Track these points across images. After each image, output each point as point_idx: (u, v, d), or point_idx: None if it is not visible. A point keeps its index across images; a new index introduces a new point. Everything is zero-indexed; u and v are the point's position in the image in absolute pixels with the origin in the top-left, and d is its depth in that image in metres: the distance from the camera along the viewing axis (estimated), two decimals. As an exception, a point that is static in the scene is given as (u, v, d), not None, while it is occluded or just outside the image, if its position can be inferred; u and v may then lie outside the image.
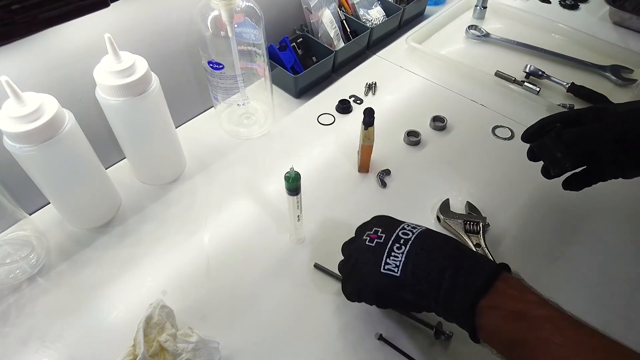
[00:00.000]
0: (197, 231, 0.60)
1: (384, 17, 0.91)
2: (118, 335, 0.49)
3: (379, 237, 0.45)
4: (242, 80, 0.66)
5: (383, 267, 0.42)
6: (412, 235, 0.43)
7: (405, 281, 0.41)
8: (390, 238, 0.44)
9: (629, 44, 0.92)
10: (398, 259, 0.42)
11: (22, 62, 0.52)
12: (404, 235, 0.44)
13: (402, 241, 0.43)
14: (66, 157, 0.51)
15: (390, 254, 0.43)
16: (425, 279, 0.41)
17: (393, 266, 0.42)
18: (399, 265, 0.42)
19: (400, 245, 0.43)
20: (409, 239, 0.43)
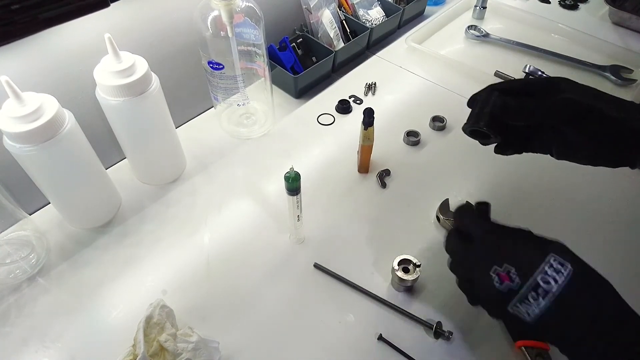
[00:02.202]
0: (197, 231, 0.60)
1: (383, 17, 0.91)
2: (118, 335, 0.49)
3: (512, 280, 0.38)
4: (242, 81, 0.66)
5: (510, 307, 0.38)
6: (554, 285, 0.36)
7: (535, 328, 0.37)
8: (524, 283, 0.37)
9: (628, 44, 0.92)
10: (531, 309, 0.37)
11: (22, 62, 0.52)
12: (544, 284, 0.36)
13: (540, 291, 0.36)
14: (66, 157, 0.51)
15: (523, 302, 0.37)
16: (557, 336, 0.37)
17: (523, 312, 0.37)
18: (531, 314, 0.37)
19: (537, 296, 0.36)
20: (551, 289, 0.36)
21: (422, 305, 0.53)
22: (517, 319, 0.38)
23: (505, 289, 0.38)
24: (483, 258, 0.41)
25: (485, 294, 0.40)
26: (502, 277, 0.38)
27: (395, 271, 0.51)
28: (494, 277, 0.39)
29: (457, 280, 0.46)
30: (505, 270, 0.38)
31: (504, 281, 0.38)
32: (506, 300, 0.38)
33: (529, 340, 0.47)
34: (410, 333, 0.50)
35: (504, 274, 0.38)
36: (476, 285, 0.42)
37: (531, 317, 0.37)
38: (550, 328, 0.37)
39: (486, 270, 0.39)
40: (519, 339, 0.48)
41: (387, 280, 0.55)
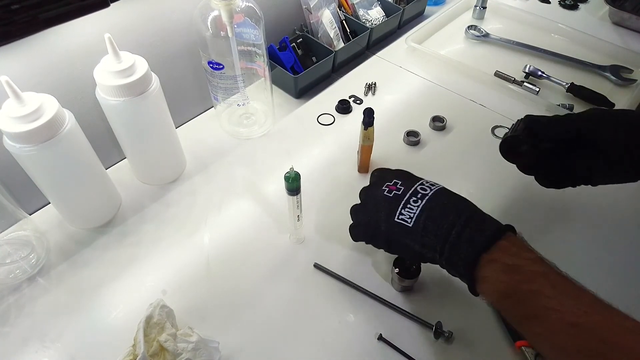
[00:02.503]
0: (197, 231, 0.60)
1: (383, 17, 0.91)
2: (118, 335, 0.49)
3: (398, 189, 0.47)
4: (242, 81, 0.66)
5: (397, 216, 0.45)
6: (430, 191, 0.46)
7: (415, 232, 0.44)
8: (408, 191, 0.46)
9: (628, 44, 0.92)
10: (413, 211, 0.45)
11: (22, 62, 0.52)
12: (421, 190, 0.46)
13: (419, 195, 0.45)
14: (66, 157, 0.51)
15: (406, 206, 0.45)
16: (434, 232, 0.43)
17: (407, 217, 0.45)
18: (413, 217, 0.44)
19: (417, 199, 0.45)
20: (426, 194, 0.45)
21: (422, 305, 0.53)
22: (402, 229, 0.45)
23: (392, 195, 0.47)
24: (378, 183, 0.49)
25: (378, 205, 0.48)
26: (390, 187, 0.48)
27: (395, 271, 0.51)
28: (384, 189, 0.48)
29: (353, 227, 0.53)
30: (394, 183, 0.48)
31: (392, 190, 0.47)
32: (393, 210, 0.46)
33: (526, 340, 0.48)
34: (410, 333, 0.50)
35: (392, 185, 0.48)
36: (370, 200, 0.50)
37: (412, 220, 0.44)
38: (426, 232, 0.43)
39: (379, 189, 0.48)
40: (518, 339, 0.48)
41: (387, 280, 0.55)
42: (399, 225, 0.45)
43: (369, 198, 0.50)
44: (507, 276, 0.39)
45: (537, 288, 0.37)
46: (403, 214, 0.45)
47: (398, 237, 0.46)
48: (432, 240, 0.43)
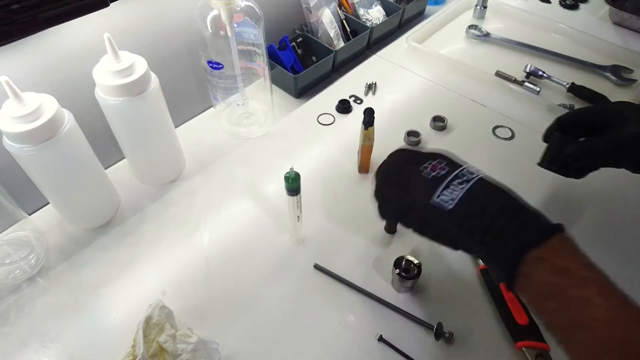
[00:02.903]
0: (197, 231, 0.60)
1: (384, 16, 0.91)
2: (118, 336, 0.49)
3: (442, 168, 0.44)
4: (241, 80, 0.66)
5: (436, 197, 0.42)
6: (476, 176, 0.43)
7: (454, 216, 0.41)
8: (452, 173, 0.43)
9: (629, 44, 0.92)
10: (455, 193, 0.42)
11: (22, 62, 0.52)
12: (468, 174, 0.43)
13: (464, 178, 0.43)
14: (65, 157, 0.51)
15: (449, 187, 0.42)
16: (476, 219, 0.40)
17: (448, 199, 0.42)
18: (455, 199, 0.41)
19: (462, 182, 0.42)
20: (472, 178, 0.42)
21: (423, 306, 0.53)
22: (439, 211, 0.42)
23: (435, 174, 0.44)
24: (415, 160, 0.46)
25: (414, 183, 0.45)
26: (434, 165, 0.44)
27: (395, 272, 0.51)
28: (427, 166, 0.44)
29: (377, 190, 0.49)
30: (438, 161, 0.45)
31: (435, 169, 0.44)
32: (431, 190, 0.43)
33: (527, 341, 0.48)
34: (410, 334, 0.50)
35: (436, 163, 0.44)
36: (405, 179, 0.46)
37: (454, 201, 0.41)
38: (467, 218, 0.41)
39: (420, 165, 0.45)
40: (519, 340, 0.48)
41: (388, 281, 0.55)
42: (438, 207, 0.42)
43: (406, 172, 0.46)
44: (556, 278, 0.36)
45: (587, 295, 0.35)
46: (444, 195, 0.42)
47: (434, 219, 0.43)
48: (473, 227, 0.40)
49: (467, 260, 0.57)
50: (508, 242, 0.39)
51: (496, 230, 0.39)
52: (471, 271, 0.56)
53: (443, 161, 0.45)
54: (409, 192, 0.45)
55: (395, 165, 0.49)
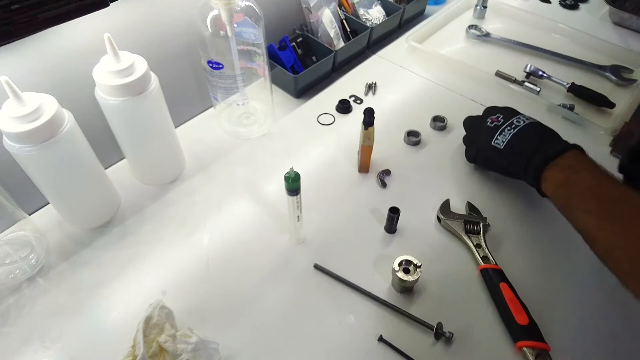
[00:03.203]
0: (197, 231, 0.60)
1: (384, 16, 0.91)
2: (118, 336, 0.49)
3: (498, 121, 0.61)
4: (241, 80, 0.66)
5: (493, 141, 0.59)
6: (523, 123, 0.58)
7: (504, 153, 0.58)
8: (505, 123, 0.60)
9: (629, 44, 0.92)
10: (505, 137, 0.58)
11: (22, 62, 0.52)
12: (516, 122, 0.59)
13: (513, 125, 0.59)
14: (65, 157, 0.51)
15: (501, 133, 0.59)
16: (519, 152, 0.56)
17: (500, 142, 0.58)
18: (505, 141, 0.58)
19: (511, 129, 0.58)
20: (519, 125, 0.58)
21: (423, 306, 0.53)
22: (496, 150, 0.59)
23: (492, 125, 0.61)
24: (485, 114, 0.65)
25: (480, 133, 0.63)
26: (493, 119, 0.62)
27: (395, 272, 0.51)
28: (488, 120, 0.62)
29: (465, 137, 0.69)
30: (497, 116, 0.62)
31: (493, 122, 0.61)
32: (491, 136, 0.60)
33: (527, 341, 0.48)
34: (410, 334, 0.50)
35: (495, 118, 0.62)
36: (478, 130, 0.64)
37: (504, 143, 0.58)
38: (512, 152, 0.57)
39: (485, 119, 0.63)
40: (519, 340, 0.48)
41: (388, 281, 0.55)
42: (494, 148, 0.59)
43: (474, 127, 0.66)
44: (563, 174, 0.51)
45: (583, 177, 0.49)
46: (498, 139, 0.59)
47: (493, 157, 0.60)
48: (516, 158, 0.56)
49: (467, 260, 0.57)
50: (535, 160, 0.53)
51: (530, 155, 0.54)
52: (471, 271, 0.56)
53: (501, 115, 0.62)
54: (478, 139, 0.63)
55: (471, 118, 0.68)
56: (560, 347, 0.48)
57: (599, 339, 0.50)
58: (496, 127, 0.60)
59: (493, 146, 0.59)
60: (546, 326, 0.49)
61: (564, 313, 0.52)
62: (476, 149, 0.64)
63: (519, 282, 0.53)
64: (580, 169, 0.50)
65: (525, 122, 0.59)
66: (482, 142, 0.61)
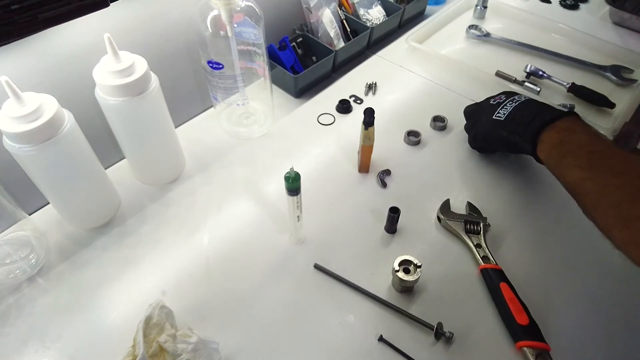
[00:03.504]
0: (197, 231, 0.60)
1: (384, 16, 0.91)
2: (118, 336, 0.49)
3: (500, 99, 0.65)
4: (241, 80, 0.66)
5: (495, 115, 0.62)
6: (524, 99, 0.63)
7: (505, 123, 0.60)
8: (507, 99, 0.64)
9: (629, 44, 0.92)
10: (507, 110, 0.62)
11: (22, 62, 0.52)
12: (518, 98, 0.63)
13: (514, 100, 0.63)
14: (66, 157, 0.51)
15: (503, 107, 0.62)
16: (518, 121, 0.59)
17: (502, 114, 0.62)
18: (506, 113, 0.61)
19: (512, 103, 0.62)
20: (520, 100, 0.62)
21: (423, 306, 0.53)
22: (497, 122, 0.62)
23: (495, 103, 0.65)
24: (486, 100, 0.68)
25: (483, 111, 0.66)
26: (495, 98, 0.66)
27: (395, 272, 0.51)
28: (491, 100, 0.66)
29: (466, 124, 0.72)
30: (498, 95, 0.67)
31: (495, 100, 0.65)
32: (493, 112, 0.63)
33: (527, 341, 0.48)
34: (410, 334, 0.50)
35: (497, 97, 0.66)
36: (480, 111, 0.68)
37: (505, 114, 0.61)
38: (512, 121, 0.60)
39: (487, 101, 0.67)
40: (519, 340, 0.48)
41: (388, 281, 0.55)
42: (495, 121, 0.62)
43: (474, 111, 0.70)
44: (558, 135, 0.53)
45: (577, 137, 0.52)
46: (499, 113, 0.62)
47: (493, 129, 0.62)
48: (516, 127, 0.58)
49: (467, 260, 0.57)
50: (532, 126, 0.56)
51: (527, 122, 0.57)
52: (472, 271, 0.56)
53: (503, 95, 0.66)
54: (479, 119, 0.66)
55: (472, 105, 0.72)
56: (560, 347, 0.48)
57: (599, 339, 0.50)
58: (498, 104, 0.64)
59: (494, 119, 0.62)
60: (546, 326, 0.49)
61: (564, 313, 0.52)
62: (476, 130, 0.67)
63: (519, 282, 0.53)
64: (577, 130, 0.53)
65: (524, 97, 0.63)
66: (484, 120, 0.65)
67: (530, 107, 0.60)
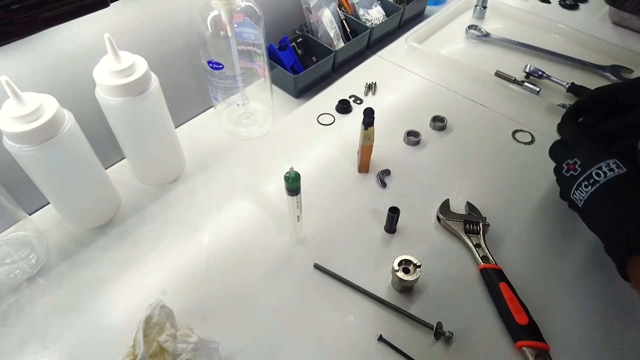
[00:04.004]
0: (197, 231, 0.60)
1: (383, 17, 0.91)
2: (118, 335, 0.49)
3: (575, 170, 0.52)
4: (241, 80, 0.66)
5: (571, 194, 0.52)
6: (603, 178, 0.48)
7: (583, 212, 0.51)
8: (583, 174, 0.50)
9: (629, 44, 0.92)
10: (583, 195, 0.50)
11: (22, 62, 0.52)
12: (595, 176, 0.49)
13: (591, 181, 0.49)
14: (66, 157, 0.51)
15: (579, 188, 0.51)
16: (598, 218, 0.49)
17: (578, 198, 0.51)
18: (582, 200, 0.50)
19: (588, 185, 0.49)
20: (599, 181, 0.48)
21: (423, 305, 0.53)
22: (575, 205, 0.51)
23: (568, 175, 0.52)
24: (563, 153, 0.55)
25: (559, 179, 0.55)
26: (569, 167, 0.52)
27: (395, 272, 0.51)
28: (564, 167, 0.53)
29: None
30: (573, 162, 0.52)
31: (569, 169, 0.52)
32: (569, 187, 0.52)
33: (526, 341, 0.48)
34: (410, 334, 0.50)
35: (571, 164, 0.52)
36: (556, 173, 0.56)
37: (581, 202, 0.50)
38: (593, 212, 0.49)
39: (562, 161, 0.54)
40: (519, 340, 0.48)
41: (388, 281, 0.55)
42: (573, 202, 0.52)
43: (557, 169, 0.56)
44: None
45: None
46: (576, 194, 0.51)
47: (577, 210, 0.52)
48: (597, 227, 0.50)
49: (467, 260, 0.57)
50: (618, 246, 0.47)
51: (612, 236, 0.47)
52: (471, 271, 0.56)
53: (578, 160, 0.52)
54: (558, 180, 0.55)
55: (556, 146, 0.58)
56: (560, 347, 0.48)
57: (599, 339, 0.50)
58: (572, 178, 0.51)
59: (573, 200, 0.52)
60: (546, 326, 0.49)
61: (564, 313, 0.52)
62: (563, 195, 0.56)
63: (519, 282, 0.53)
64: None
65: (606, 176, 0.48)
66: (564, 191, 0.54)
67: (612, 204, 0.48)
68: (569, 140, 0.56)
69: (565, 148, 0.55)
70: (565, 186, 0.53)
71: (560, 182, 0.55)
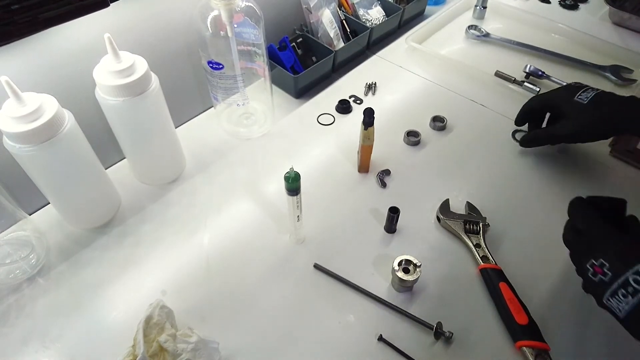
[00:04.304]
0: (197, 231, 0.60)
1: (383, 17, 0.91)
2: (118, 335, 0.49)
3: (604, 274, 0.41)
4: (241, 80, 0.66)
5: (605, 300, 0.42)
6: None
7: (628, 322, 0.40)
8: (616, 280, 0.40)
9: (628, 44, 0.92)
10: (622, 305, 0.40)
11: (22, 62, 0.52)
12: (634, 283, 0.39)
13: (630, 289, 0.39)
14: (66, 157, 0.51)
15: (614, 296, 0.40)
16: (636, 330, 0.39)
17: (616, 307, 0.40)
18: (623, 311, 0.40)
19: (627, 294, 0.39)
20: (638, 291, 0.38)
21: (423, 305, 0.53)
22: (610, 310, 0.42)
23: (597, 280, 0.42)
24: (584, 251, 0.45)
25: (586, 283, 0.44)
26: (596, 269, 0.42)
27: (395, 271, 0.51)
28: (589, 269, 0.43)
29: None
30: (600, 264, 0.42)
31: (597, 273, 0.42)
32: (601, 292, 0.42)
33: (526, 341, 0.48)
34: (410, 334, 0.50)
35: (598, 266, 0.42)
36: (579, 273, 0.46)
37: (622, 313, 0.40)
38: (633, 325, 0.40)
39: (585, 262, 0.44)
40: (519, 340, 0.48)
41: (388, 281, 0.55)
42: (608, 309, 0.42)
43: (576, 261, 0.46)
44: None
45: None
46: (612, 302, 0.41)
47: (614, 316, 0.42)
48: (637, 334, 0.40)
49: (466, 260, 0.57)
50: None
51: None
52: (471, 271, 0.56)
53: (605, 263, 0.41)
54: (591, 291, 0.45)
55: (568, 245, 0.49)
56: (560, 347, 0.48)
57: (599, 339, 0.50)
58: (604, 284, 0.41)
59: (607, 306, 0.42)
60: (546, 326, 0.49)
61: (564, 313, 0.52)
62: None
63: (519, 282, 0.53)
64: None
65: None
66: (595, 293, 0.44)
67: None
68: (579, 226, 0.48)
69: (581, 239, 0.47)
70: (596, 292, 0.43)
71: (587, 287, 0.45)
